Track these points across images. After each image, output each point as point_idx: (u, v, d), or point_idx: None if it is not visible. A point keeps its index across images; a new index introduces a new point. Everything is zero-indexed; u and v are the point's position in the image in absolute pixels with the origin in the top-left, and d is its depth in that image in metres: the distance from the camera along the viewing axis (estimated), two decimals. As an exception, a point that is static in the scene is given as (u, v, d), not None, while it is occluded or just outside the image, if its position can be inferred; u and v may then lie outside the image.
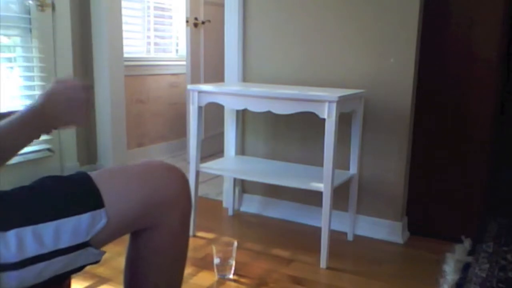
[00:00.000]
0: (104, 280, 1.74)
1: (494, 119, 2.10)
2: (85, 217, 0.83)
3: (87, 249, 0.84)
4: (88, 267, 0.89)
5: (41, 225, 0.79)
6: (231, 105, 2.15)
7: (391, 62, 2.07)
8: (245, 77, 2.44)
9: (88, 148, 2.99)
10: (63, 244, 0.81)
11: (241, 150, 2.51)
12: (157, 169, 0.98)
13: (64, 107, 0.94)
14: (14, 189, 0.83)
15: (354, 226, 2.20)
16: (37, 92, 2.67)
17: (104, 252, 0.89)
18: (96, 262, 0.89)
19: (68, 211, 0.82)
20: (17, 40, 2.62)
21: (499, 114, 2.30)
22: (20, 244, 0.77)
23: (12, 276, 0.76)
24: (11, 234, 0.76)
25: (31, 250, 0.78)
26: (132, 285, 1.06)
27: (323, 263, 1.89)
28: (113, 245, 0.93)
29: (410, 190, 2.21)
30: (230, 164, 2.33)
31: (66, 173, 1.57)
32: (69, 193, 0.85)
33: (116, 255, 1.73)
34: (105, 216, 0.85)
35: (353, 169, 2.13)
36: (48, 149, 2.68)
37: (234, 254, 1.80)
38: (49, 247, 0.79)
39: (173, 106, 3.88)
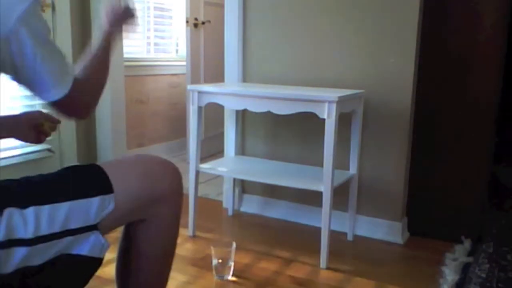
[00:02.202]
0: (105, 282, 1.73)
1: (495, 121, 2.10)
2: (95, 200, 0.88)
3: (93, 233, 0.88)
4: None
5: (56, 205, 0.83)
6: (231, 105, 2.15)
7: (391, 62, 2.07)
8: (245, 77, 2.44)
9: (88, 148, 2.99)
10: (73, 225, 0.85)
11: (241, 150, 2.51)
12: (154, 163, 1.03)
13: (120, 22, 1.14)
14: (34, 175, 0.89)
15: (354, 226, 2.20)
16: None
17: (108, 246, 0.91)
18: (99, 261, 0.90)
19: (81, 193, 0.87)
20: (17, 40, 2.61)
21: (501, 113, 2.29)
22: (37, 221, 0.80)
23: (22, 252, 0.79)
24: (30, 212, 0.80)
25: (45, 228, 0.81)
26: (124, 275, 1.09)
27: (323, 264, 1.89)
28: (114, 246, 0.94)
29: (410, 190, 2.21)
30: (230, 164, 2.33)
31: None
32: (82, 178, 0.91)
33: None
34: (113, 201, 0.90)
35: (353, 169, 2.13)
36: (48, 149, 2.68)
37: (233, 256, 1.80)
38: (60, 226, 0.83)
39: (173, 106, 3.88)
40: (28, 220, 0.80)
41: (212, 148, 3.39)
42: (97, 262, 0.90)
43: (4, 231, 0.77)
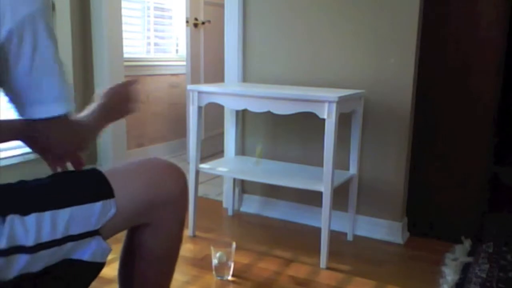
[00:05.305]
0: (106, 282, 1.73)
1: (494, 121, 2.10)
2: (97, 206, 0.87)
3: (95, 238, 0.87)
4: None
5: (58, 211, 0.82)
6: (231, 106, 2.15)
7: (391, 62, 2.07)
8: (245, 78, 2.44)
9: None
10: (75, 231, 0.84)
11: (241, 150, 2.51)
12: (159, 167, 1.01)
13: (120, 101, 1.10)
14: (32, 180, 0.87)
15: (354, 226, 2.20)
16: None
17: (110, 250, 0.90)
18: (101, 265, 0.90)
19: (82, 198, 0.86)
20: (17, 40, 2.61)
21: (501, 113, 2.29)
22: (38, 228, 0.80)
23: (23, 259, 0.78)
24: (31, 218, 0.79)
25: (46, 235, 0.80)
26: (126, 279, 1.09)
27: (323, 263, 1.89)
28: (116, 247, 0.94)
29: (410, 190, 2.21)
30: (230, 164, 2.33)
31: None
32: (83, 183, 0.90)
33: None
34: (115, 206, 0.89)
35: (353, 169, 2.13)
36: (48, 149, 2.68)
37: (233, 256, 1.80)
38: (62, 232, 0.82)
39: (173, 106, 3.88)
40: (30, 227, 0.79)
41: (212, 148, 3.39)
42: (98, 266, 0.89)
43: (6, 238, 0.76)
